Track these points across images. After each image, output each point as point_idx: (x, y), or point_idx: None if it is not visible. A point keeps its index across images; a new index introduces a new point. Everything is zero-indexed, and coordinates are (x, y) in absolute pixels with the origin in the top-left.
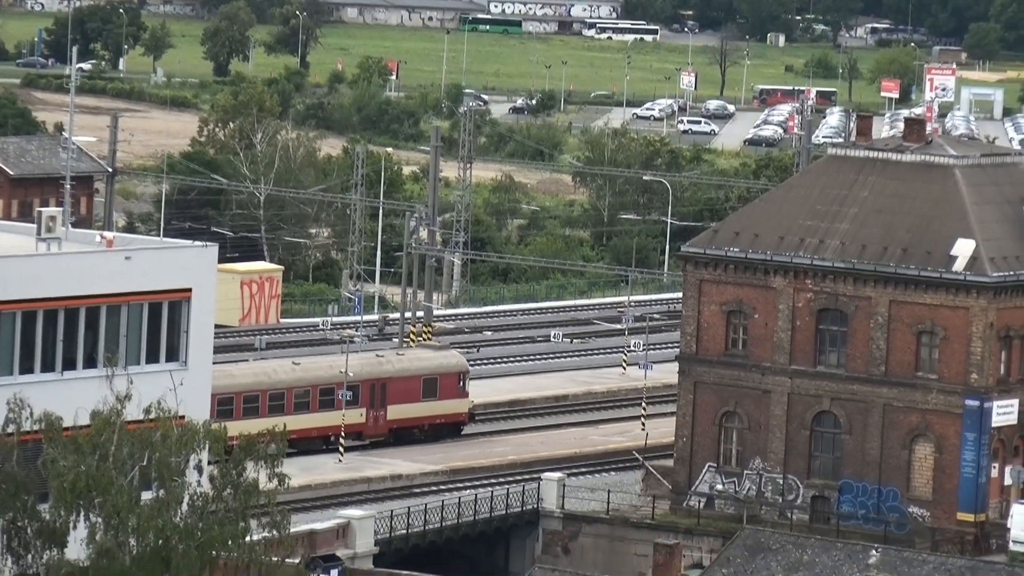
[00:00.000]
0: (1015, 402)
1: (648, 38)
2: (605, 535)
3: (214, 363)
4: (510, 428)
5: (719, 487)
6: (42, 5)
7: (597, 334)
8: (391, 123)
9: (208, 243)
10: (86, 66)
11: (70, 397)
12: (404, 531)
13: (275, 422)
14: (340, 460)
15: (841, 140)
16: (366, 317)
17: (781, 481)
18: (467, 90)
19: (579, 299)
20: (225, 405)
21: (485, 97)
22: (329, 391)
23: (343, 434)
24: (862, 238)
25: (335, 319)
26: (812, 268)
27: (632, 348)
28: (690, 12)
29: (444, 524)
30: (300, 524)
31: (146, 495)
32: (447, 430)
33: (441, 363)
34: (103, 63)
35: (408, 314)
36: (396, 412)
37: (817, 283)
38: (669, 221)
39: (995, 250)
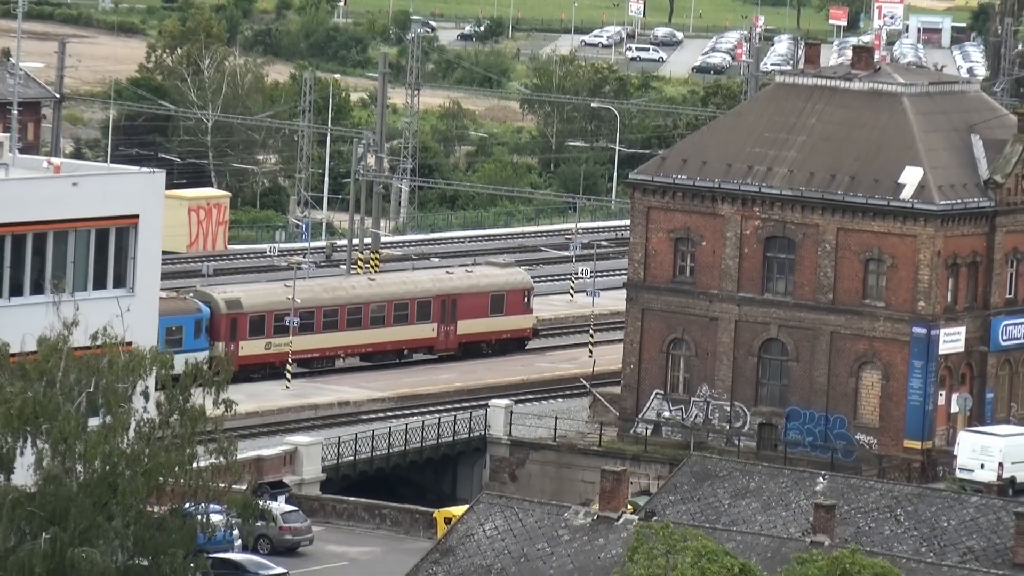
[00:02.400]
0: (962, 330)
1: None
2: (552, 462)
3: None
4: (457, 355)
5: (666, 414)
6: None
7: (545, 261)
8: (339, 49)
9: (155, 169)
10: None
11: (17, 323)
12: (351, 458)
13: (354, 335)
14: (287, 387)
15: (789, 68)
16: (313, 244)
17: (728, 408)
18: (415, 16)
19: (527, 226)
20: (306, 319)
21: (433, 24)
22: (403, 306)
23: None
24: (810, 166)
25: (282, 245)
26: (760, 196)
27: (580, 275)
28: None
29: (391, 451)
30: (247, 451)
31: (93, 421)
32: (513, 345)
33: (508, 280)
34: None
35: (355, 241)
36: (466, 327)
37: (765, 211)
38: (617, 148)
39: (943, 178)
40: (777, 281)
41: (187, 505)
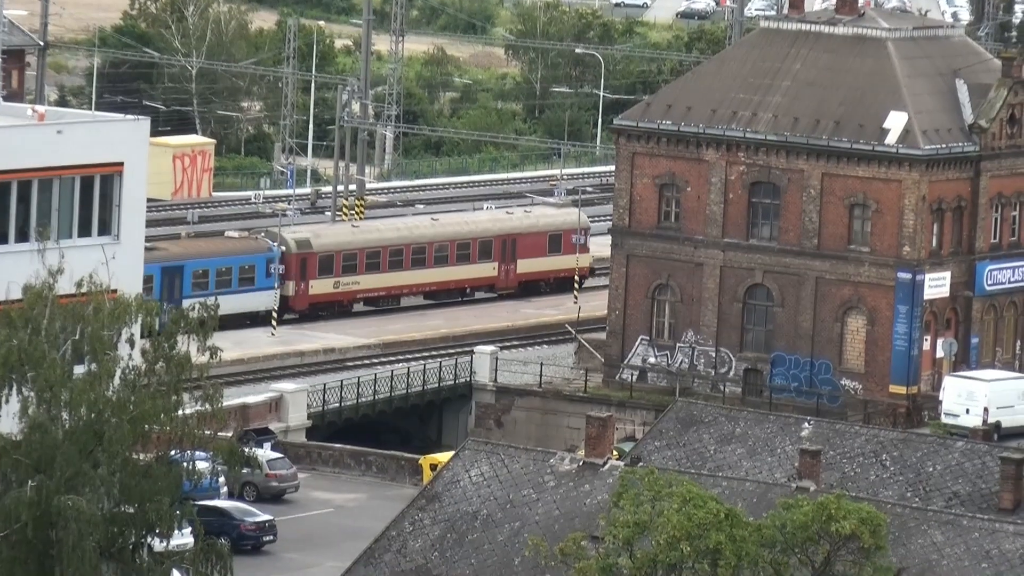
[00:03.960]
0: (947, 275)
1: None
2: (538, 408)
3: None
4: (441, 302)
5: (652, 360)
6: None
7: (530, 207)
8: None
9: (140, 117)
10: None
11: (2, 271)
12: (337, 404)
13: (418, 274)
14: (273, 334)
15: (774, 13)
16: (298, 191)
17: (714, 354)
18: None
19: (511, 172)
20: (372, 259)
21: None
22: (466, 246)
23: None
24: (795, 111)
25: (267, 192)
26: (745, 141)
27: None
28: None
29: (377, 398)
30: (233, 398)
31: (78, 369)
32: (570, 283)
33: (565, 219)
34: None
35: (340, 187)
36: (525, 266)
37: (750, 156)
38: (602, 94)
39: (927, 123)
40: (762, 227)
41: (173, 452)
